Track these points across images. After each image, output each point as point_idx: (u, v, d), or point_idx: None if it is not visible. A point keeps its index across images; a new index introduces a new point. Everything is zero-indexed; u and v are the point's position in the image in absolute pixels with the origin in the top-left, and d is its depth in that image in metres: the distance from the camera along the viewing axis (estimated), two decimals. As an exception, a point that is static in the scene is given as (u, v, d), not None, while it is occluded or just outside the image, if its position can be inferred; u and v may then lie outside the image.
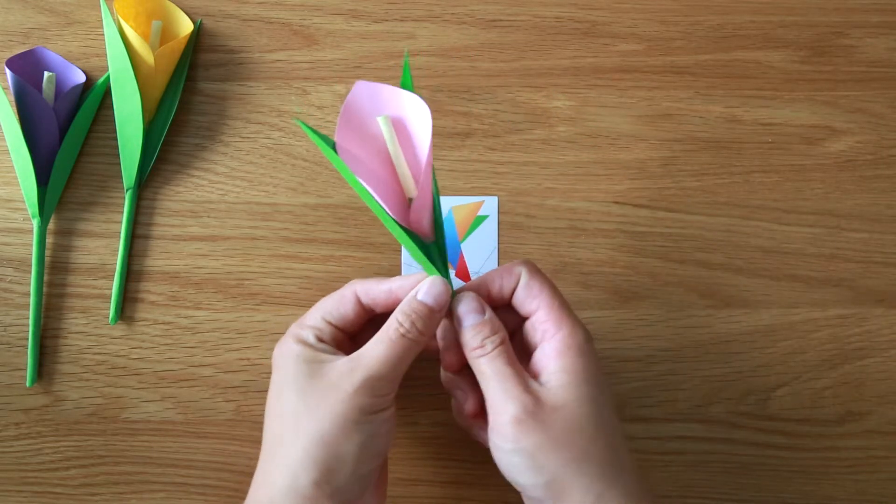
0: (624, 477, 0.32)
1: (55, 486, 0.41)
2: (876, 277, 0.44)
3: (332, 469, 0.32)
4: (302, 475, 0.32)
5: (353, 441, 0.32)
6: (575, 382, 0.33)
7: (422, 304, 0.34)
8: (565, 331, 0.33)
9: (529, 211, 0.44)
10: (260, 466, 0.34)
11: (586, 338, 0.34)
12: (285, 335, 0.36)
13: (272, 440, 0.34)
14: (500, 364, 0.33)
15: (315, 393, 0.33)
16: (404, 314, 0.34)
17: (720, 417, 0.42)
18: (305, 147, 0.44)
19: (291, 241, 0.43)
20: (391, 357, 0.33)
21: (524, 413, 0.32)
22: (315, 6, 0.46)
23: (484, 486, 0.42)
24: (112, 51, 0.42)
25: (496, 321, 0.34)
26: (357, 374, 0.33)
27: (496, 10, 0.46)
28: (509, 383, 0.32)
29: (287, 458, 0.32)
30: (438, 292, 0.34)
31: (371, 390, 0.33)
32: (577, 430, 0.32)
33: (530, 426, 0.31)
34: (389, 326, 0.34)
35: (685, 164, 0.44)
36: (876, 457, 0.42)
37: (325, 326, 0.35)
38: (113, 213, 0.43)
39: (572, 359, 0.33)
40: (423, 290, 0.34)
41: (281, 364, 0.35)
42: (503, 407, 0.32)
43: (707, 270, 0.43)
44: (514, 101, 0.45)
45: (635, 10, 0.46)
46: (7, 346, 0.42)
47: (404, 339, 0.33)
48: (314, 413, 0.32)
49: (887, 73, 0.45)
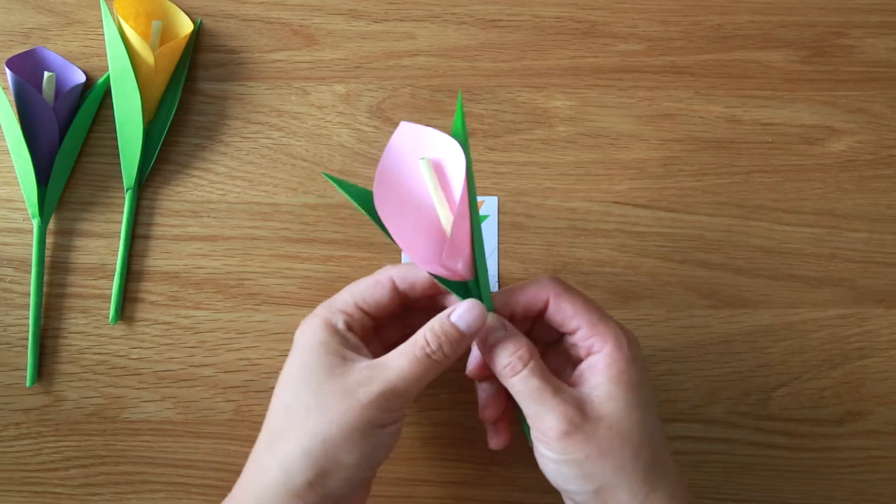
0: (668, 479, 0.32)
1: (55, 486, 0.41)
2: (876, 277, 0.44)
3: (328, 473, 0.32)
4: (297, 474, 0.31)
5: (355, 450, 0.32)
6: (622, 392, 0.32)
7: (454, 327, 0.33)
8: (611, 343, 0.33)
9: (529, 211, 0.44)
10: (257, 452, 0.33)
11: (631, 343, 0.34)
12: (313, 315, 0.35)
13: (275, 429, 0.33)
14: (535, 381, 0.32)
15: (328, 393, 0.32)
16: (434, 334, 0.33)
17: (720, 417, 0.42)
18: (305, 147, 0.44)
19: (291, 241, 0.43)
20: (412, 375, 0.32)
21: (570, 425, 0.31)
22: (315, 6, 0.45)
23: (484, 486, 0.42)
24: (112, 51, 0.42)
25: (520, 336, 0.34)
26: (374, 386, 0.32)
27: (496, 10, 0.46)
28: (549, 399, 0.32)
29: (286, 454, 0.32)
30: (473, 318, 0.33)
31: (385, 404, 0.32)
32: (625, 439, 0.32)
33: (578, 438, 0.31)
34: (416, 343, 0.33)
35: (685, 164, 0.44)
36: (876, 457, 0.42)
37: (356, 312, 0.35)
38: (113, 213, 0.43)
39: (619, 369, 0.33)
40: (458, 312, 0.33)
41: (302, 349, 0.34)
42: (548, 422, 0.32)
43: (707, 270, 0.43)
44: (514, 101, 0.45)
45: (635, 10, 0.46)
46: (7, 346, 0.42)
47: (429, 359, 0.32)
48: (322, 414, 0.32)
49: (887, 73, 0.45)
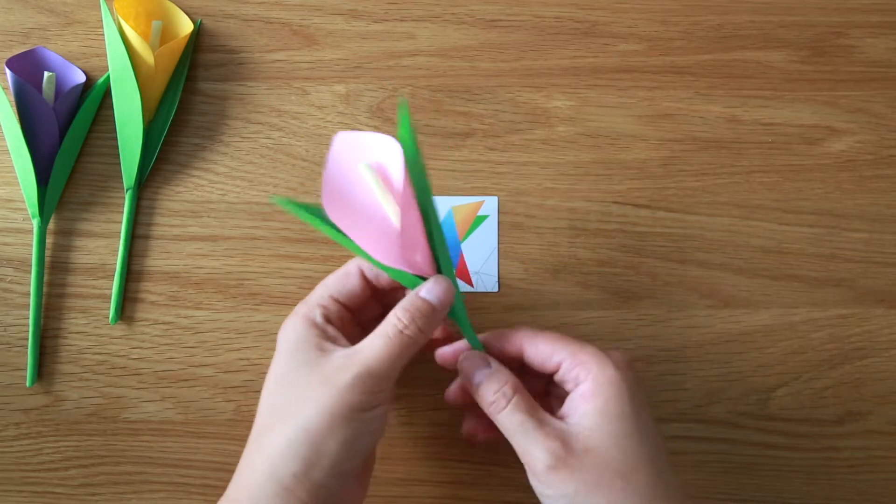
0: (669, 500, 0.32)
1: (55, 486, 0.41)
2: (876, 277, 0.44)
3: (313, 463, 0.32)
4: (282, 466, 0.31)
5: (337, 437, 0.32)
6: (610, 422, 0.32)
7: (424, 300, 0.33)
8: (595, 370, 0.33)
9: (529, 211, 0.44)
10: (246, 450, 0.34)
11: (619, 366, 0.33)
12: (292, 315, 0.35)
13: (261, 426, 0.34)
14: (518, 416, 0.33)
15: (308, 384, 0.33)
16: (405, 310, 0.33)
17: (720, 417, 0.42)
18: (305, 147, 0.44)
19: (291, 241, 0.43)
20: (388, 354, 0.33)
21: (555, 460, 0.31)
22: (315, 6, 0.45)
23: (484, 486, 0.42)
24: (112, 51, 0.42)
25: (504, 372, 0.34)
26: (350, 370, 0.32)
27: (496, 10, 0.46)
28: (533, 433, 0.32)
29: (270, 447, 0.32)
30: (442, 290, 0.34)
31: (364, 387, 0.32)
32: (615, 471, 0.31)
33: (565, 473, 0.31)
34: (388, 322, 0.33)
35: (685, 164, 0.44)
36: (876, 457, 0.42)
37: (332, 304, 0.35)
38: (113, 213, 0.43)
39: (605, 396, 0.32)
40: (426, 287, 0.34)
41: (284, 347, 0.34)
42: (535, 456, 0.32)
43: (707, 270, 0.43)
44: (514, 101, 0.45)
45: (635, 10, 0.46)
46: (7, 346, 0.42)
47: (402, 335, 0.33)
48: (303, 405, 0.32)
49: (887, 73, 0.45)
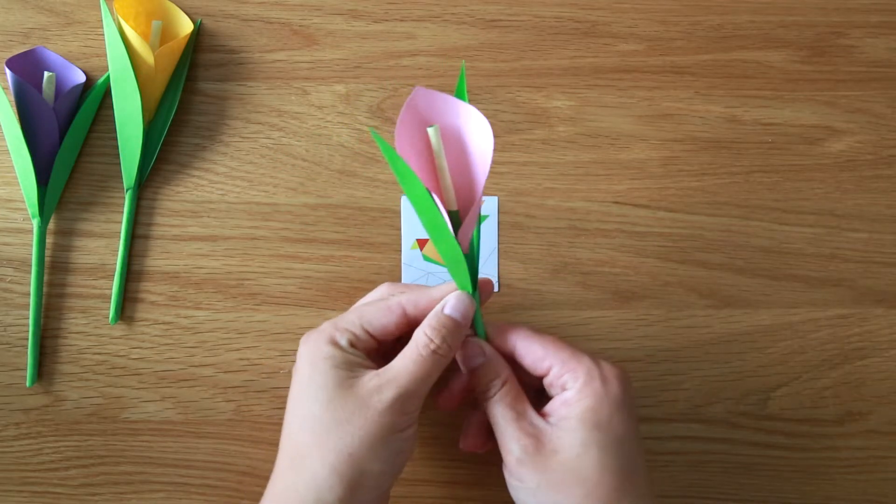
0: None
1: (55, 486, 0.42)
2: (876, 277, 0.44)
3: (357, 486, 0.32)
4: (328, 492, 0.32)
5: (379, 459, 0.32)
6: (585, 430, 0.33)
7: (450, 318, 0.34)
8: (582, 380, 0.34)
9: (529, 211, 0.44)
10: (281, 473, 0.34)
11: (605, 380, 0.34)
12: (316, 331, 0.35)
13: (296, 448, 0.33)
14: (502, 407, 0.34)
15: (344, 407, 0.32)
16: (434, 329, 0.34)
17: (720, 417, 0.42)
18: (305, 147, 0.44)
19: (291, 241, 0.43)
20: (421, 374, 0.33)
21: (523, 454, 0.33)
22: (315, 6, 0.45)
23: (484, 486, 0.42)
24: (112, 51, 0.42)
25: (499, 362, 0.35)
26: (388, 392, 0.32)
27: (496, 10, 0.46)
28: (511, 425, 0.34)
29: (313, 472, 0.32)
30: (465, 307, 0.34)
31: (401, 408, 0.33)
32: (578, 477, 0.32)
33: (529, 468, 0.33)
34: (419, 342, 0.33)
35: (685, 164, 0.44)
36: (876, 457, 0.42)
37: (362, 333, 0.35)
38: (113, 213, 0.43)
39: (587, 406, 0.33)
40: (450, 304, 0.34)
41: (309, 364, 0.34)
42: (508, 446, 0.34)
43: (707, 270, 0.43)
44: (514, 101, 0.45)
45: (635, 10, 0.46)
46: (7, 346, 0.42)
47: (435, 355, 0.33)
48: (343, 429, 0.32)
49: (887, 73, 0.45)
